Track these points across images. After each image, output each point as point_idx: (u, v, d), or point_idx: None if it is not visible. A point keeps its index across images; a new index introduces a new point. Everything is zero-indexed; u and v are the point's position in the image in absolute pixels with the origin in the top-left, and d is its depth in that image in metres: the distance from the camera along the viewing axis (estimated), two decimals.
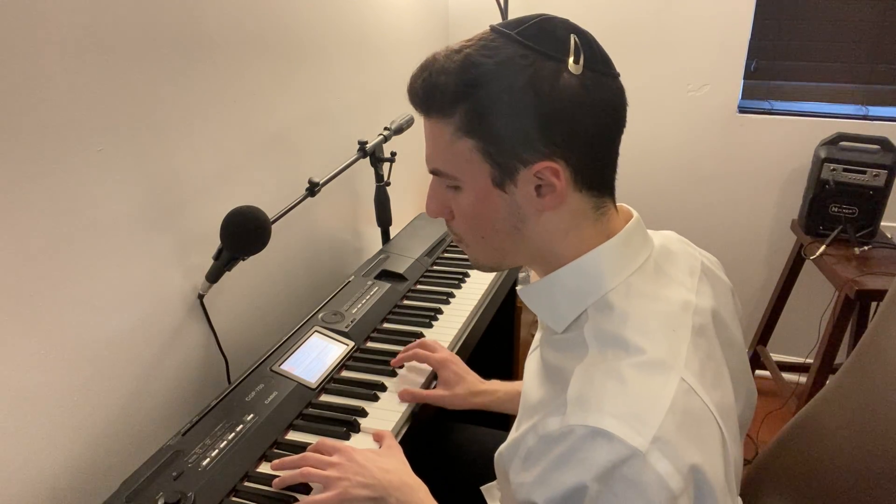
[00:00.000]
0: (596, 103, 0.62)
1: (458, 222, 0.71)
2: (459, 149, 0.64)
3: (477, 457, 1.16)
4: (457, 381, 1.06)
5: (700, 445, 0.57)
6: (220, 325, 1.22)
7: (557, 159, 0.62)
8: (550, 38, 0.62)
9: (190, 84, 1.09)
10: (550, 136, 0.62)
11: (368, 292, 1.29)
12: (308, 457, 0.85)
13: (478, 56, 0.62)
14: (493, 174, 0.64)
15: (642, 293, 0.66)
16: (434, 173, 0.69)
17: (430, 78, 0.64)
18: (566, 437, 0.57)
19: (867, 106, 2.04)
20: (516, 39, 0.62)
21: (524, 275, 1.83)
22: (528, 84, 0.60)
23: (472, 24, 2.19)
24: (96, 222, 0.95)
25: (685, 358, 0.61)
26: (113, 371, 1.01)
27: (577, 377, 0.61)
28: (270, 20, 1.27)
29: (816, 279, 2.05)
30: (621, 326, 0.63)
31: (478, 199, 0.66)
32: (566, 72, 0.61)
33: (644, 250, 0.70)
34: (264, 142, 1.30)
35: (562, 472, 0.57)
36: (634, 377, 0.59)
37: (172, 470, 0.85)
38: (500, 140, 0.62)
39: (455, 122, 0.63)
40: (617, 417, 0.56)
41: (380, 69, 1.75)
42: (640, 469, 0.54)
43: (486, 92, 0.61)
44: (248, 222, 1.04)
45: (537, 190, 0.64)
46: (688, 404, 0.58)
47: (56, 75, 0.86)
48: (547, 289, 0.70)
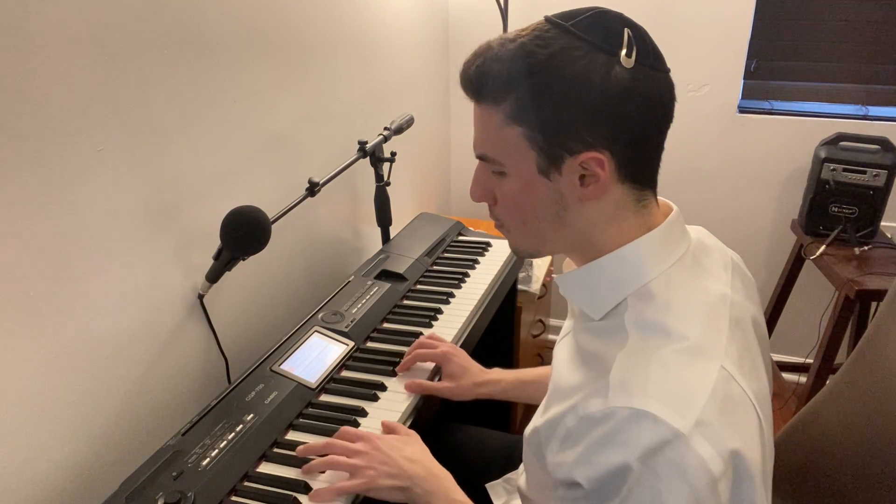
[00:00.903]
0: (645, 97, 0.63)
1: (500, 208, 0.72)
2: (507, 135, 0.65)
3: (477, 457, 1.16)
4: (461, 373, 1.07)
5: (739, 431, 0.59)
6: (220, 325, 1.22)
7: (603, 150, 0.63)
8: (604, 31, 0.63)
9: (190, 84, 1.09)
10: (598, 128, 0.63)
11: (368, 292, 1.29)
12: (333, 444, 0.87)
13: (531, 45, 0.63)
14: (538, 162, 0.65)
15: (683, 284, 0.67)
16: (481, 158, 0.70)
17: (484, 65, 0.65)
18: (609, 419, 0.58)
19: (867, 106, 2.04)
20: (570, 31, 0.63)
21: (524, 274, 1.83)
22: (579, 75, 0.61)
23: (472, 24, 2.19)
24: (96, 222, 0.95)
25: (725, 346, 0.63)
26: (113, 371, 1.01)
27: (619, 362, 0.62)
28: (271, 20, 1.27)
29: (816, 279, 2.05)
30: (663, 315, 0.64)
31: (522, 185, 0.67)
32: (618, 65, 0.62)
33: (683, 243, 0.72)
34: (264, 142, 1.31)
35: (605, 453, 0.58)
36: (677, 362, 0.60)
37: (172, 470, 0.85)
38: (548, 129, 0.63)
39: (505, 109, 0.65)
40: (661, 400, 0.57)
41: (380, 69, 1.75)
42: (683, 451, 0.55)
43: (538, 81, 0.62)
44: (248, 222, 1.04)
45: (581, 180, 0.65)
46: (728, 391, 0.60)
47: (56, 75, 0.86)
48: (586, 277, 0.70)
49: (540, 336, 2.11)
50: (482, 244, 1.55)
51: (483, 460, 1.15)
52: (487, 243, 1.55)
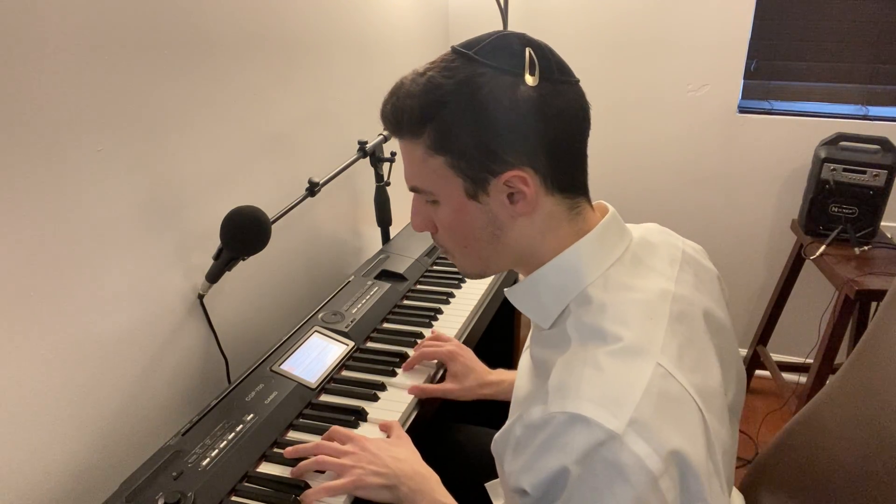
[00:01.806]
0: (555, 111, 0.65)
1: (441, 235, 0.75)
2: (432, 166, 0.68)
3: (477, 456, 1.16)
4: (465, 374, 1.08)
5: (679, 427, 0.59)
6: (220, 325, 1.22)
7: (524, 167, 0.66)
8: (506, 54, 0.65)
9: (190, 84, 1.09)
10: (514, 147, 0.65)
11: (368, 292, 1.29)
12: (322, 445, 0.89)
13: (439, 77, 0.66)
14: (465, 187, 0.68)
15: (619, 285, 0.69)
16: (413, 190, 0.74)
17: (398, 102, 0.68)
18: (548, 424, 0.59)
19: (867, 106, 2.04)
20: (473, 58, 0.65)
21: None
22: (486, 100, 0.64)
23: (472, 24, 2.19)
24: (96, 222, 0.95)
25: (662, 343, 0.63)
26: (113, 371, 1.01)
27: (557, 368, 0.64)
28: (271, 20, 1.27)
29: (816, 279, 2.05)
30: (600, 317, 0.65)
31: (455, 211, 0.70)
32: (522, 84, 0.64)
33: (621, 243, 0.73)
34: (264, 142, 1.30)
35: (545, 458, 0.59)
36: (610, 363, 0.61)
37: (172, 470, 0.85)
38: (467, 154, 0.66)
39: (424, 141, 0.67)
40: (593, 402, 0.58)
41: (380, 69, 1.75)
42: (618, 451, 0.56)
43: (449, 111, 0.65)
44: (248, 222, 1.04)
45: (510, 198, 0.67)
46: (664, 388, 0.60)
47: (56, 75, 0.86)
48: (531, 288, 0.73)
49: None
50: None
51: (483, 460, 1.14)
52: None
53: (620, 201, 0.76)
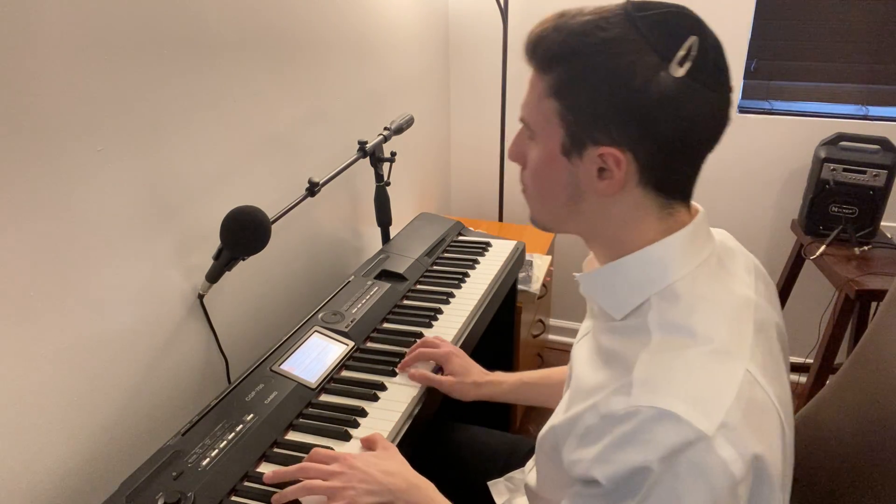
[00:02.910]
0: (684, 112, 0.61)
1: (527, 173, 0.72)
2: (544, 106, 0.66)
3: (477, 456, 1.16)
4: (463, 373, 1.08)
5: (762, 435, 0.58)
6: (220, 325, 1.22)
7: (625, 150, 0.63)
8: (667, 33, 0.61)
9: (190, 84, 1.09)
10: (625, 127, 0.62)
11: (368, 292, 1.29)
12: (307, 468, 0.83)
13: (592, 25, 0.62)
14: (563, 141, 0.65)
15: (708, 285, 0.67)
16: (521, 121, 0.71)
17: (545, 32, 0.65)
18: (632, 417, 0.58)
19: (867, 106, 2.04)
20: (634, 22, 0.61)
21: (524, 274, 1.83)
22: (622, 70, 0.60)
23: (472, 24, 2.19)
24: (96, 222, 0.95)
25: (750, 350, 0.63)
26: (113, 371, 1.01)
27: (643, 361, 0.62)
28: (271, 20, 1.27)
29: (816, 279, 2.05)
30: (688, 316, 0.63)
31: (545, 158, 0.68)
32: (665, 71, 0.60)
33: (709, 244, 0.71)
34: (264, 142, 1.31)
35: (626, 451, 0.57)
36: (703, 364, 0.60)
37: (172, 470, 0.85)
38: (579, 112, 0.63)
39: (549, 80, 0.65)
40: (685, 401, 0.57)
41: (380, 69, 1.75)
42: (705, 453, 0.55)
43: (583, 63, 0.62)
44: (248, 222, 1.04)
45: (599, 172, 0.65)
46: (752, 394, 0.59)
47: (56, 75, 0.86)
48: (609, 276, 0.70)
49: (540, 336, 2.11)
50: (482, 244, 1.55)
51: (483, 459, 1.15)
52: (487, 243, 1.55)
53: None
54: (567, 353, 2.55)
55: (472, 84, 2.29)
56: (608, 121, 0.62)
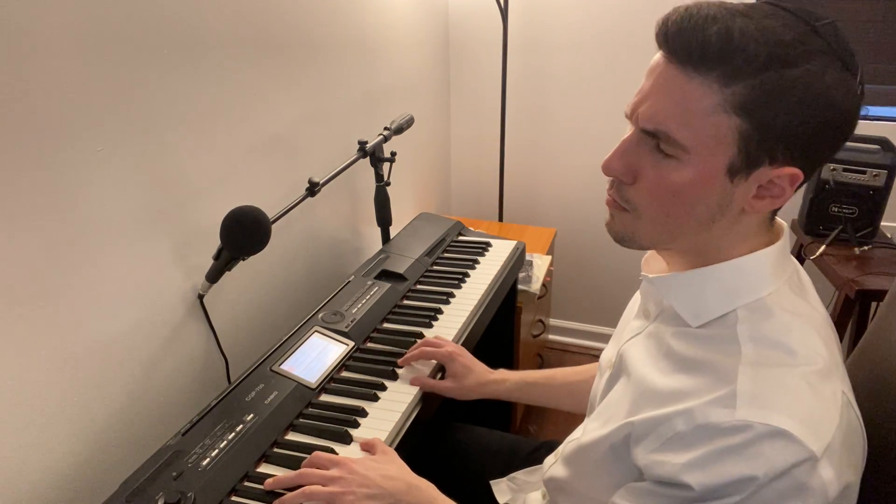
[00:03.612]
0: (852, 124, 0.60)
1: (642, 191, 0.64)
2: (717, 122, 0.57)
3: (477, 456, 1.16)
4: (465, 374, 1.08)
5: (853, 460, 0.60)
6: (220, 325, 1.22)
7: (801, 167, 0.59)
8: (847, 48, 0.58)
9: (190, 84, 1.09)
10: (813, 146, 0.58)
11: (368, 292, 1.29)
12: (306, 473, 0.82)
13: (786, 35, 0.55)
14: (733, 161, 0.59)
15: (796, 302, 0.66)
16: (652, 134, 0.62)
17: (730, 34, 0.55)
18: (740, 431, 0.57)
19: (867, 106, 2.04)
20: (819, 34, 0.56)
21: (524, 274, 1.83)
22: (829, 88, 0.56)
23: (472, 24, 2.19)
24: (96, 222, 0.95)
25: (842, 371, 0.63)
26: (113, 371, 1.01)
27: (746, 374, 0.60)
28: (271, 20, 1.27)
29: (816, 279, 2.04)
30: (785, 333, 0.62)
31: (697, 179, 0.60)
32: (853, 90, 0.58)
33: (791, 260, 0.71)
34: (264, 142, 1.30)
35: (729, 463, 0.57)
36: (810, 384, 0.59)
37: (172, 470, 0.85)
38: (771, 133, 0.57)
39: (731, 93, 0.56)
40: (799, 420, 0.56)
41: (380, 69, 1.75)
42: (810, 473, 0.55)
43: (789, 78, 0.55)
44: (248, 222, 1.04)
45: (758, 190, 0.61)
46: (849, 417, 0.61)
47: (56, 75, 0.86)
48: (697, 282, 0.67)
49: (540, 336, 2.11)
50: (482, 244, 1.55)
51: (484, 459, 1.15)
52: (487, 243, 1.55)
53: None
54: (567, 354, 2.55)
55: (472, 84, 2.29)
56: (800, 141, 0.57)
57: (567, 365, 1.39)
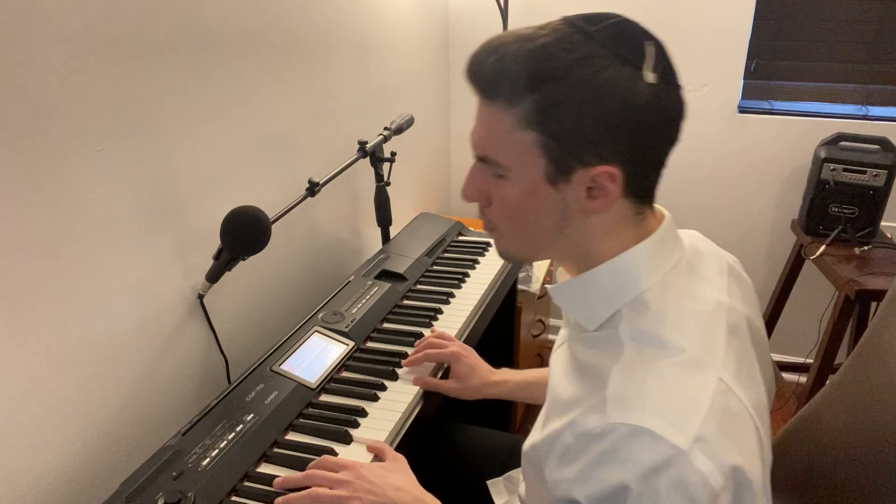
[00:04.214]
0: (662, 115, 0.62)
1: (495, 211, 0.69)
2: (518, 140, 0.63)
3: (477, 456, 1.16)
4: (469, 374, 1.08)
5: (739, 445, 0.58)
6: (220, 325, 1.22)
7: (617, 165, 0.62)
8: (628, 43, 0.61)
9: (190, 84, 1.09)
10: (616, 143, 0.61)
11: (368, 292, 1.29)
12: (314, 475, 0.82)
13: (555, 48, 0.60)
14: (547, 170, 0.63)
15: (678, 293, 0.66)
16: (481, 159, 0.68)
17: (500, 63, 0.62)
18: (608, 435, 0.57)
19: (867, 106, 2.04)
20: (595, 38, 0.60)
21: (524, 275, 1.83)
22: (604, 86, 0.59)
23: (472, 24, 2.19)
24: (96, 222, 0.95)
25: (723, 358, 0.62)
26: (113, 371, 1.01)
27: (616, 375, 0.61)
28: (271, 20, 1.27)
29: (816, 279, 2.05)
30: (659, 326, 0.63)
31: (526, 192, 0.65)
32: (641, 80, 0.60)
33: (677, 250, 0.70)
34: (264, 142, 1.31)
35: (604, 471, 0.57)
36: (675, 376, 0.59)
37: (172, 470, 0.85)
38: (564, 138, 0.61)
39: (520, 112, 0.62)
40: (659, 416, 0.56)
41: (380, 69, 1.75)
42: (684, 468, 0.55)
43: (561, 87, 0.60)
44: (248, 222, 1.04)
45: (588, 192, 0.64)
46: (727, 404, 0.59)
47: (56, 75, 0.86)
48: (581, 287, 0.69)
49: (540, 336, 2.11)
50: (482, 244, 1.55)
51: (483, 459, 1.15)
52: (487, 243, 1.55)
53: None
54: None
55: None
56: (597, 140, 0.61)
57: None
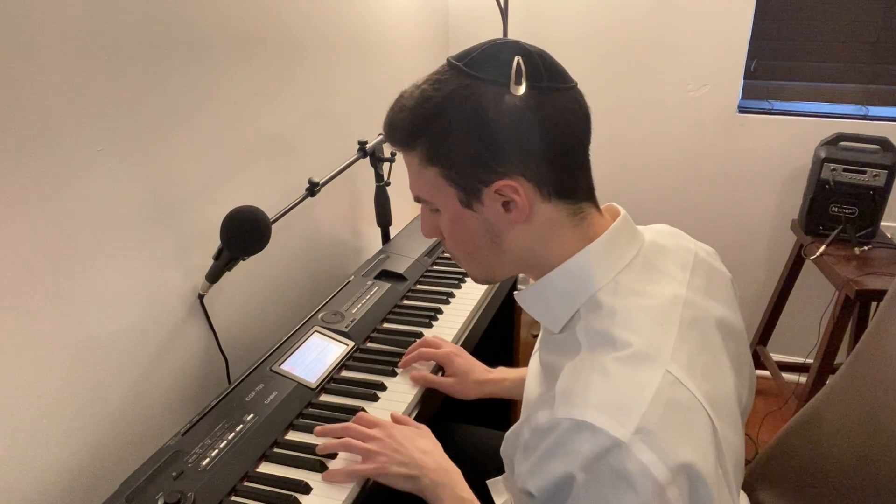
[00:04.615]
0: (543, 119, 0.65)
1: (447, 242, 0.76)
2: (427, 176, 0.70)
3: (477, 456, 1.16)
4: (465, 374, 1.08)
5: (688, 437, 0.59)
6: (220, 325, 1.22)
7: (515, 176, 0.66)
8: (494, 64, 0.65)
9: (190, 84, 1.09)
10: (503, 156, 0.65)
11: (368, 292, 1.29)
12: (350, 427, 0.90)
13: (430, 90, 0.67)
14: (459, 196, 0.69)
15: (630, 290, 0.68)
16: (417, 200, 0.75)
17: (393, 116, 0.70)
18: (554, 430, 0.60)
19: (867, 106, 2.04)
20: (462, 70, 0.66)
21: (524, 275, 1.83)
22: (472, 111, 0.64)
23: (472, 24, 2.19)
24: (96, 222, 0.95)
25: (671, 350, 0.63)
26: (113, 371, 1.01)
27: (565, 373, 0.64)
28: (270, 20, 1.27)
29: (816, 279, 2.05)
30: (609, 323, 0.65)
31: (453, 220, 0.71)
32: (507, 94, 0.64)
33: (632, 248, 0.72)
34: (264, 142, 1.31)
35: (550, 463, 0.59)
36: (618, 370, 0.61)
37: (172, 470, 0.85)
38: (457, 165, 0.67)
39: (419, 153, 0.69)
40: (599, 409, 0.58)
41: (380, 69, 1.75)
42: (624, 459, 0.56)
43: (438, 123, 0.66)
44: (248, 222, 1.05)
45: (504, 206, 0.68)
46: (673, 396, 0.60)
47: (56, 75, 0.86)
48: (540, 292, 0.73)
49: None
50: None
51: (483, 459, 1.15)
52: None
53: (621, 201, 0.75)
54: None
55: None
56: (485, 159, 0.65)
57: None
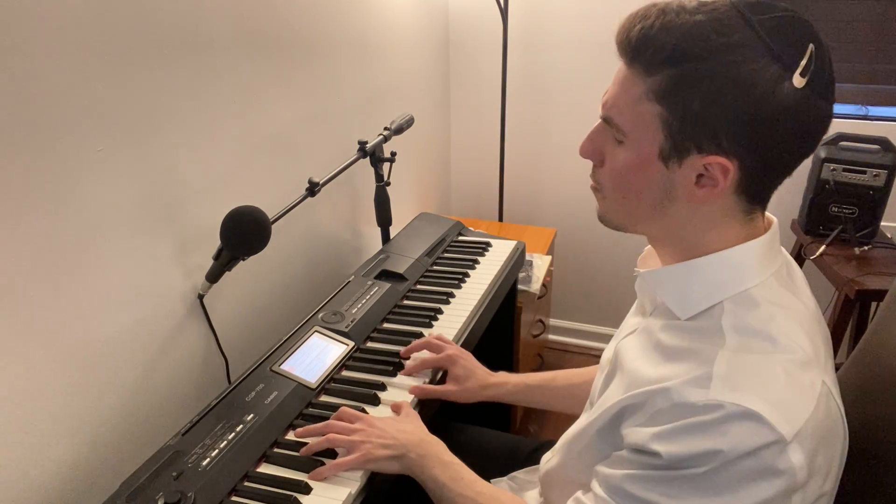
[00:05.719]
0: (800, 124, 0.60)
1: (605, 172, 0.70)
2: (643, 109, 0.63)
3: (478, 456, 1.15)
4: (466, 377, 1.08)
5: (828, 448, 0.61)
6: (220, 325, 1.22)
7: (733, 159, 0.61)
8: (788, 41, 0.59)
9: (190, 84, 1.09)
10: (739, 137, 0.60)
11: (368, 292, 1.29)
12: (332, 424, 0.92)
13: (708, 28, 0.59)
14: (662, 147, 0.63)
15: (783, 294, 0.67)
16: (605, 120, 0.68)
17: (650, 31, 0.61)
18: (712, 410, 0.58)
19: (867, 106, 2.04)
20: (753, 26, 0.59)
21: (524, 275, 1.83)
22: (745, 79, 0.58)
23: (472, 24, 2.19)
24: (96, 222, 0.95)
25: (824, 362, 0.64)
26: (113, 371, 1.01)
27: (723, 359, 0.61)
28: (271, 20, 1.27)
29: (816, 279, 2.05)
30: (767, 323, 0.63)
31: (637, 162, 0.65)
32: (787, 82, 0.58)
33: (780, 254, 0.72)
34: (264, 142, 1.31)
35: (699, 438, 0.58)
36: (787, 371, 0.60)
37: (172, 470, 0.85)
38: (688, 119, 0.61)
39: (653, 83, 0.62)
40: (770, 404, 0.57)
41: (380, 69, 1.75)
42: (779, 456, 0.56)
43: (700, 68, 0.59)
44: (249, 222, 1.04)
45: (697, 178, 0.63)
46: (828, 407, 0.61)
47: (56, 75, 0.86)
48: (682, 275, 0.69)
49: (540, 336, 2.11)
50: (482, 244, 1.55)
51: (484, 460, 1.14)
52: (487, 243, 1.55)
53: None
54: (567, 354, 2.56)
55: (472, 84, 2.29)
56: (720, 130, 0.60)
57: (567, 365, 1.39)
